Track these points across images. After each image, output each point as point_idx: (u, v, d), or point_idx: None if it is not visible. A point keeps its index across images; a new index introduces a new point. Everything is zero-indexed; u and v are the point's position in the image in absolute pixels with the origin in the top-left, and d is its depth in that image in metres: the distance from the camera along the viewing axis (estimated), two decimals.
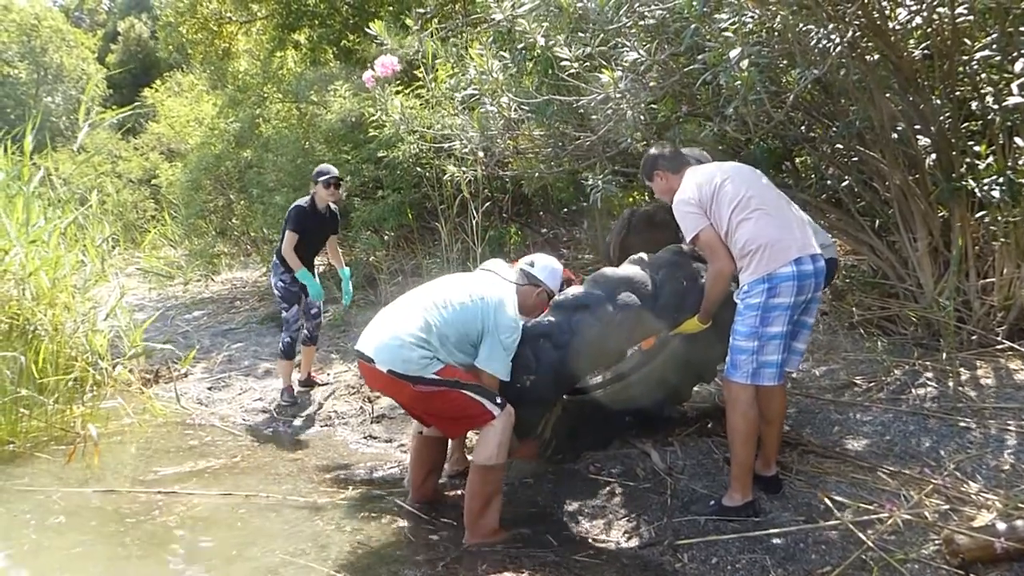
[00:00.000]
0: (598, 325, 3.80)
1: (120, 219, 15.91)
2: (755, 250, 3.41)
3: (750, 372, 3.47)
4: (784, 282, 3.38)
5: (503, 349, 3.64)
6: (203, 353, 8.03)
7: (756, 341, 3.44)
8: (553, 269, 4.01)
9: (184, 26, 13.07)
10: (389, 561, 3.58)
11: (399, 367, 3.54)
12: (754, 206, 3.45)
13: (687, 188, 3.60)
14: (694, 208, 3.53)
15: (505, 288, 3.81)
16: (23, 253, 5.89)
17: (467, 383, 3.60)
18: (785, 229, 3.45)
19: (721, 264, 3.53)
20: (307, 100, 10.08)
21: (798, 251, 3.40)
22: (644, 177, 3.88)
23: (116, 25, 30.74)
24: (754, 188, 3.53)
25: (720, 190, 3.49)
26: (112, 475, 4.91)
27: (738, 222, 3.44)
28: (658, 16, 4.01)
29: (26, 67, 26.62)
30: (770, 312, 3.41)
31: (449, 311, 3.63)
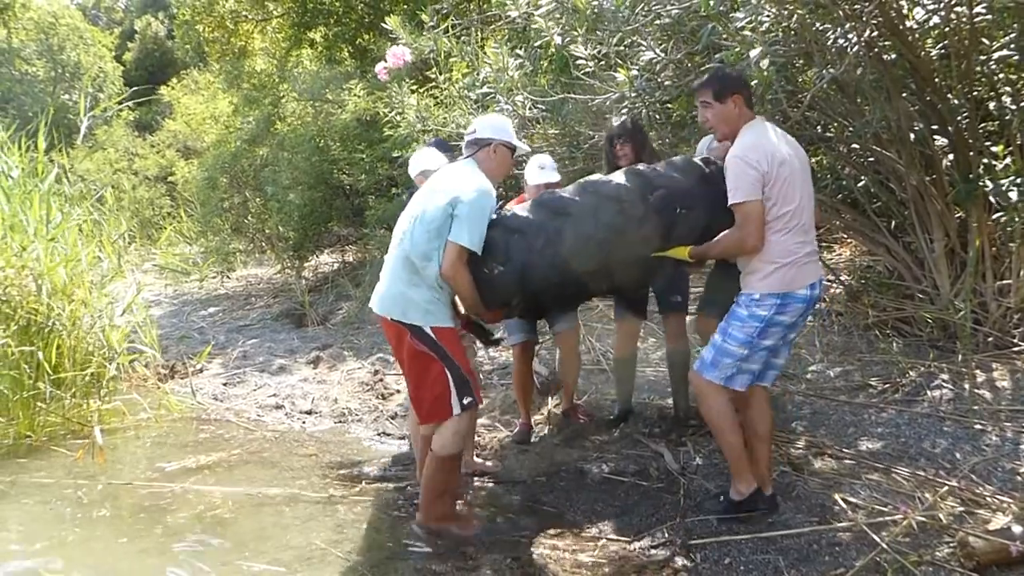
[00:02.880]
0: (575, 240, 3.53)
1: (136, 216, 16.00)
2: (784, 264, 3.28)
3: (727, 376, 3.40)
4: (796, 303, 3.31)
5: (471, 216, 3.46)
6: (218, 349, 8.07)
7: (747, 350, 3.35)
8: (495, 122, 3.81)
9: (201, 24, 13.15)
10: (405, 556, 3.59)
11: (398, 314, 3.59)
12: (802, 220, 3.30)
13: (759, 149, 3.24)
14: (756, 176, 3.21)
15: (457, 169, 3.72)
16: (41, 249, 5.94)
17: (455, 364, 3.59)
18: (813, 250, 3.38)
19: (751, 241, 3.28)
20: (322, 99, 10.12)
21: (815, 276, 3.36)
22: (715, 91, 3.33)
23: (133, 23, 30.92)
24: (806, 195, 3.35)
25: (788, 185, 3.24)
26: (128, 469, 4.95)
27: (780, 228, 3.28)
28: (674, 15, 4.01)
29: (44, 65, 26.79)
30: (772, 327, 3.33)
31: (418, 228, 3.57)
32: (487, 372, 6.18)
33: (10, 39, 26.75)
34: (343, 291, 9.59)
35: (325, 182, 9.86)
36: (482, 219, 3.50)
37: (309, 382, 6.74)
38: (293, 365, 7.31)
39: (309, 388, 6.55)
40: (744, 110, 3.34)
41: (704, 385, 3.47)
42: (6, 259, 5.74)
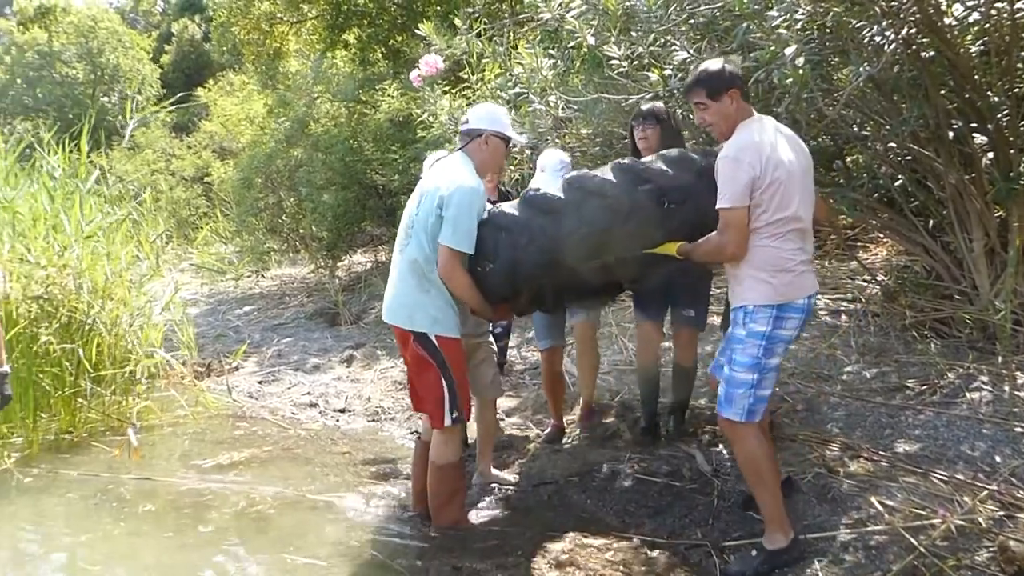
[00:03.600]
0: (558, 237, 3.48)
1: (173, 216, 16.24)
2: (777, 273, 3.09)
3: (746, 408, 3.16)
4: (795, 314, 3.13)
5: (456, 217, 3.46)
6: (253, 347, 8.18)
7: (756, 374, 3.14)
8: (487, 111, 3.77)
9: (237, 27, 13.30)
10: (442, 553, 3.63)
11: (404, 321, 3.63)
12: (798, 227, 3.11)
13: (752, 150, 3.05)
14: (746, 180, 3.02)
15: (447, 163, 3.72)
16: (81, 249, 6.07)
17: (451, 377, 3.61)
18: (809, 259, 3.20)
19: (730, 248, 3.10)
20: (356, 100, 10.20)
21: (812, 287, 3.18)
22: (709, 90, 3.16)
23: (170, 26, 31.37)
24: (804, 201, 3.14)
25: (783, 189, 3.04)
26: (166, 465, 5.05)
27: (772, 234, 3.09)
28: (708, 14, 3.99)
29: (83, 68, 27.29)
30: (774, 343, 3.13)
31: (419, 234, 3.59)
32: (519, 372, 6.19)
33: (51, 43, 27.29)
34: (376, 290, 9.65)
35: (358, 182, 9.94)
36: (468, 218, 3.48)
37: (343, 381, 6.80)
38: (327, 364, 7.39)
39: (343, 387, 6.62)
40: (741, 104, 3.17)
41: (730, 428, 3.26)
42: (48, 258, 5.86)
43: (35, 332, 5.44)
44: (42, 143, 7.32)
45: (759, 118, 3.21)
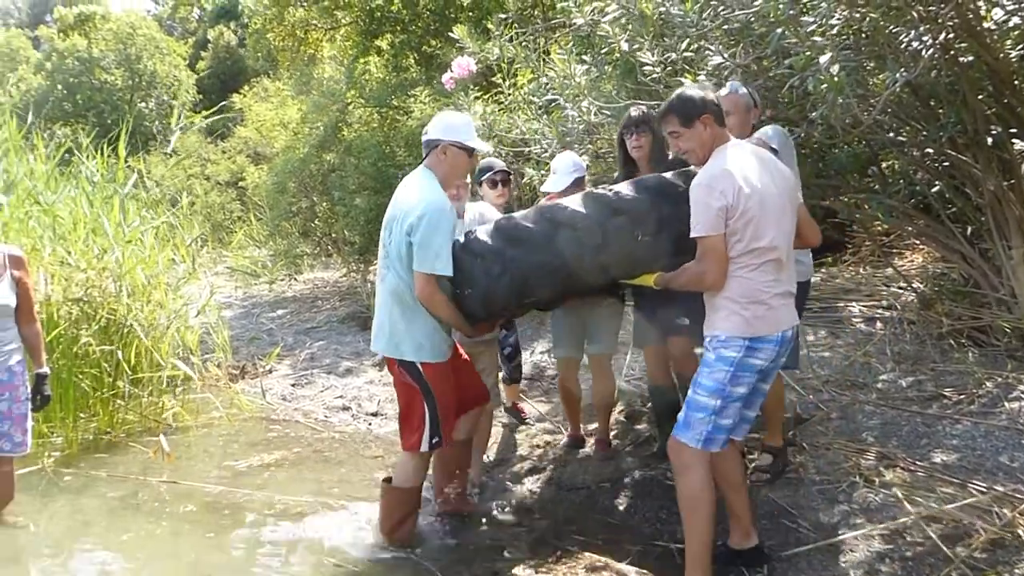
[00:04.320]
0: (527, 268, 3.44)
1: (208, 220, 16.44)
2: (750, 305, 2.99)
3: (703, 436, 3.04)
4: (768, 346, 3.02)
5: (424, 242, 3.41)
6: (286, 350, 8.26)
7: (719, 400, 3.01)
8: (444, 121, 3.66)
9: (272, 33, 13.46)
10: (479, 556, 3.67)
11: (391, 350, 3.63)
12: (774, 258, 2.99)
13: (724, 178, 2.95)
14: (718, 208, 2.92)
15: (410, 181, 3.66)
16: (120, 252, 6.17)
17: (434, 403, 3.60)
18: (788, 292, 3.08)
19: (710, 277, 3.02)
20: (389, 105, 10.27)
21: (788, 322, 3.07)
22: (681, 118, 3.06)
23: (206, 33, 31.79)
24: (782, 230, 3.02)
25: (757, 219, 2.93)
26: (202, 465, 5.12)
27: (746, 264, 2.99)
28: (742, 20, 3.98)
29: (122, 74, 27.72)
30: (743, 371, 3.02)
31: (396, 264, 3.56)
32: (551, 378, 6.19)
33: (90, 49, 27.77)
34: None
35: (390, 187, 9.95)
36: (438, 239, 3.42)
37: (375, 384, 6.85)
38: (359, 367, 7.44)
39: (375, 390, 6.66)
40: (716, 130, 3.06)
41: (684, 454, 3.10)
42: (88, 261, 5.98)
43: (76, 334, 5.55)
44: (81, 148, 7.47)
45: (735, 143, 3.11)
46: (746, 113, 3.65)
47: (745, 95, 3.68)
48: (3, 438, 4.00)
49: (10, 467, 4.14)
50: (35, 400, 4.13)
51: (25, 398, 4.06)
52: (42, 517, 4.30)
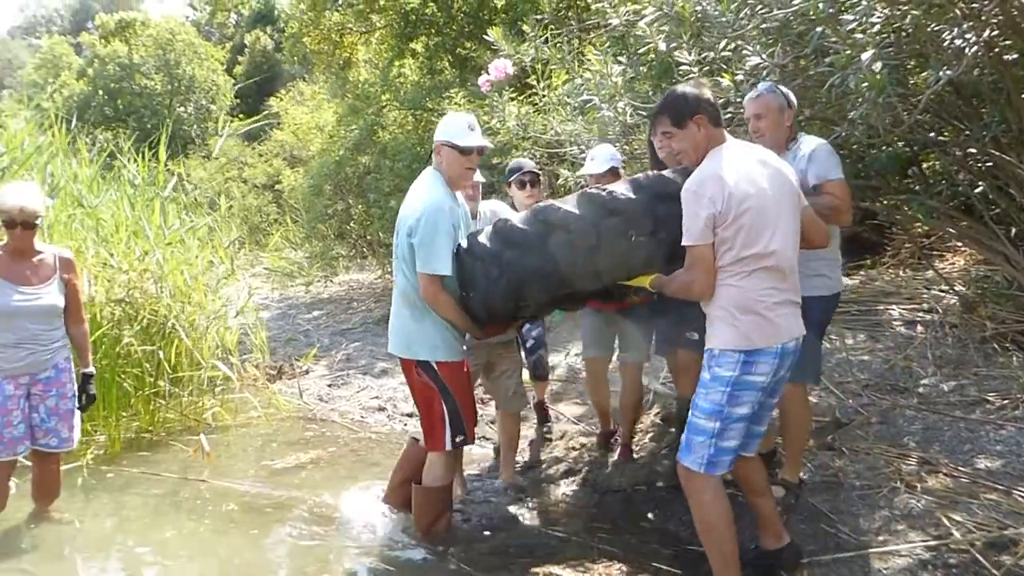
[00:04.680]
0: (523, 272, 3.41)
1: (245, 222, 16.67)
2: (743, 313, 2.88)
3: (705, 459, 2.94)
4: (766, 358, 2.89)
5: (423, 242, 3.45)
6: (323, 351, 8.33)
7: (718, 422, 2.91)
8: (443, 123, 3.73)
9: (308, 37, 13.60)
10: (519, 557, 3.68)
11: (404, 351, 3.68)
12: (772, 264, 2.88)
13: (714, 183, 2.85)
14: (706, 216, 2.85)
15: (416, 183, 3.72)
16: (160, 254, 6.27)
17: (453, 400, 3.63)
18: (789, 300, 2.95)
19: (697, 287, 2.95)
20: (423, 107, 10.33)
21: (789, 333, 2.94)
22: (673, 117, 2.99)
23: (243, 38, 32.21)
24: (781, 235, 2.90)
25: (751, 225, 2.84)
26: (241, 465, 5.18)
27: (739, 272, 2.88)
28: (781, 19, 3.93)
29: (161, 79, 28.22)
30: (742, 390, 2.89)
31: (401, 264, 3.64)
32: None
33: (131, 55, 28.29)
34: None
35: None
36: (436, 239, 3.45)
37: None
38: (394, 368, 7.46)
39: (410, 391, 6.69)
40: (710, 131, 2.96)
41: (685, 478, 3.03)
42: (130, 263, 6.08)
43: (118, 334, 5.65)
44: (122, 152, 7.60)
45: (731, 144, 3.01)
46: (779, 114, 3.56)
47: (776, 96, 3.58)
48: (50, 434, 4.09)
49: (56, 463, 4.24)
50: (81, 399, 4.22)
51: (71, 395, 4.15)
52: (86, 514, 4.38)
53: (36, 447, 4.11)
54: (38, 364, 4.01)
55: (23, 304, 3.91)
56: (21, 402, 3.98)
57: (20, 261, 3.95)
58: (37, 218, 3.90)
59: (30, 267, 3.98)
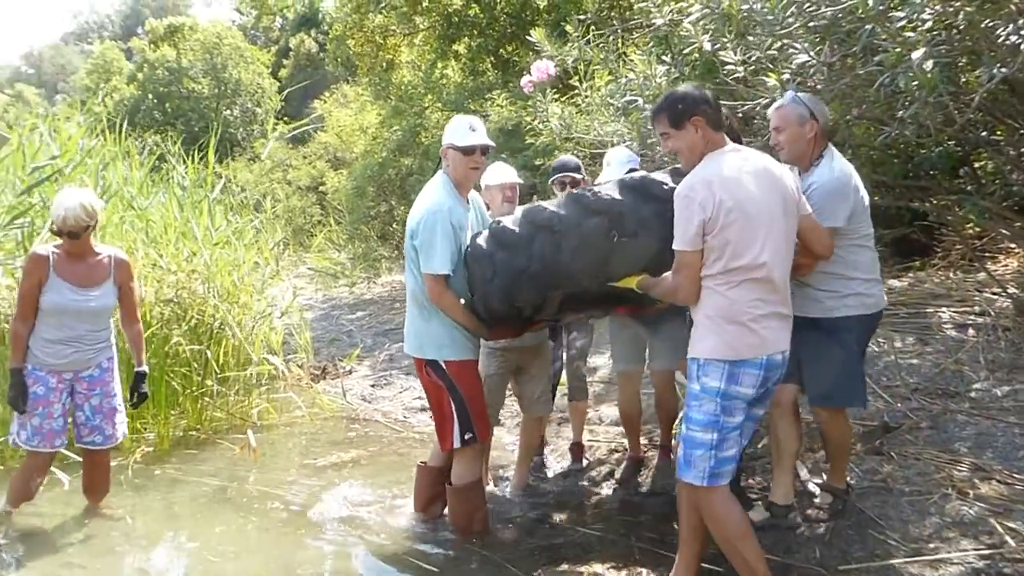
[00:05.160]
0: (512, 273, 3.39)
1: (289, 224, 16.89)
2: (728, 323, 2.84)
3: (707, 471, 2.88)
4: (751, 370, 2.84)
5: (424, 243, 3.54)
6: (366, 352, 8.41)
7: (716, 433, 2.86)
8: (447, 126, 3.81)
9: (352, 40, 13.73)
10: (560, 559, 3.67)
11: (415, 350, 3.76)
12: (762, 275, 2.82)
13: (706, 187, 2.81)
14: (697, 221, 2.80)
15: (426, 185, 3.81)
16: (208, 255, 6.39)
17: (461, 398, 3.67)
18: (777, 313, 2.89)
19: (681, 293, 2.93)
20: (465, 109, 10.36)
21: (776, 346, 2.89)
22: (671, 118, 2.95)
23: (288, 41, 32.63)
24: (773, 245, 2.85)
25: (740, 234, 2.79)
26: (285, 463, 5.25)
27: (726, 282, 2.83)
28: (829, 16, 3.87)
29: (208, 83, 28.73)
30: (732, 400, 2.86)
31: (409, 266, 3.72)
32: None
33: (179, 60, 28.83)
34: None
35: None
36: (437, 240, 3.52)
37: None
38: None
39: None
40: (709, 133, 2.91)
41: (692, 494, 2.97)
42: (178, 263, 6.19)
43: (167, 334, 5.75)
44: (171, 155, 7.75)
45: (731, 148, 2.96)
46: (799, 127, 3.42)
47: (797, 107, 3.45)
48: (95, 432, 4.19)
49: (105, 460, 4.34)
50: (132, 397, 4.34)
51: (115, 393, 4.26)
52: (136, 510, 4.47)
53: (82, 444, 4.23)
54: (81, 362, 4.12)
55: (75, 304, 4.02)
56: (63, 396, 4.11)
57: (77, 261, 4.06)
58: (83, 229, 3.98)
59: (86, 268, 4.08)
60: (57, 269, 4.00)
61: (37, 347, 4.03)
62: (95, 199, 4.10)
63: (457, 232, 3.59)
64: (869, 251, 3.48)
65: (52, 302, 3.98)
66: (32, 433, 4.04)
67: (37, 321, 4.02)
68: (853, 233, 3.37)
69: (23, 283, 4.04)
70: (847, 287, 3.38)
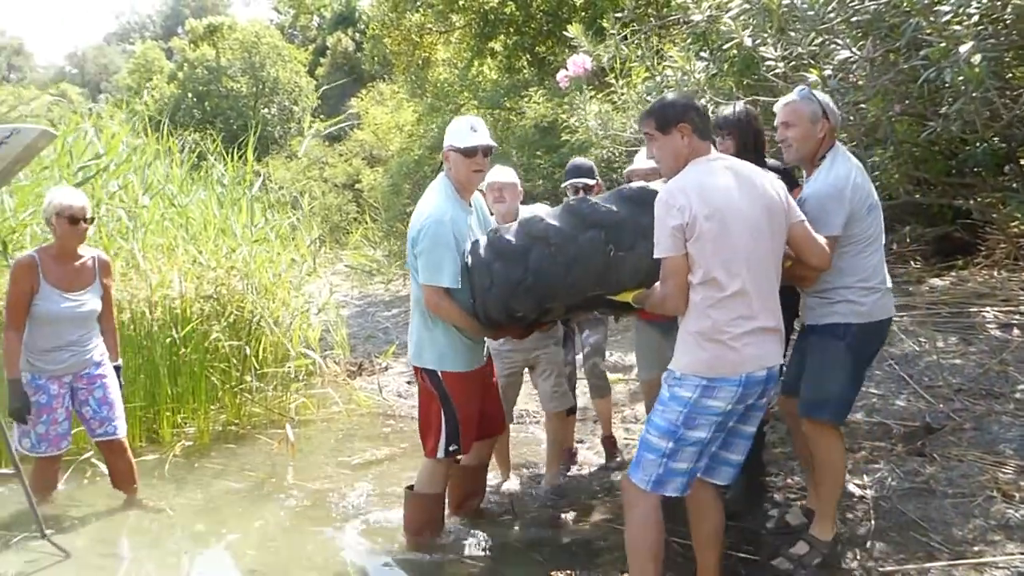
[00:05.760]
0: (507, 285, 3.31)
1: (326, 221, 17.02)
2: (707, 342, 2.75)
3: (653, 477, 2.81)
4: (728, 386, 2.74)
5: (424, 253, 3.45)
6: (401, 348, 8.42)
7: (671, 442, 2.77)
8: (448, 129, 3.68)
9: (388, 38, 13.81)
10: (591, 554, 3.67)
11: (415, 358, 3.69)
12: (739, 290, 2.71)
13: (686, 193, 2.74)
14: (675, 226, 2.72)
15: (428, 189, 3.70)
16: (247, 251, 6.46)
17: (452, 410, 3.60)
18: (759, 329, 2.76)
19: (670, 302, 2.83)
20: (501, 106, 10.39)
21: (757, 363, 2.77)
22: (658, 121, 2.88)
23: (325, 40, 32.90)
24: (757, 259, 2.75)
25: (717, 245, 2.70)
26: (322, 458, 5.30)
27: (703, 297, 2.74)
28: (872, 11, 3.82)
29: (247, 81, 29.05)
30: (699, 413, 2.76)
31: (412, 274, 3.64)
32: None
33: (218, 59, 29.20)
34: None
35: None
36: (436, 251, 3.44)
37: None
38: None
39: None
40: (694, 141, 2.83)
41: (626, 488, 2.92)
42: (217, 260, 6.28)
43: (207, 329, 5.84)
44: (210, 153, 7.87)
45: (715, 158, 2.88)
46: (811, 125, 3.22)
47: (810, 103, 3.25)
48: (105, 423, 4.27)
49: (124, 447, 4.38)
50: None
51: (114, 384, 4.32)
52: (177, 503, 4.53)
53: (97, 439, 4.31)
54: (80, 364, 4.18)
55: (68, 310, 4.08)
56: (65, 400, 4.18)
57: (65, 264, 4.11)
58: (85, 215, 4.06)
59: (73, 271, 4.15)
60: (46, 276, 4.04)
61: (34, 356, 4.07)
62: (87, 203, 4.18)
63: (459, 242, 3.50)
64: (871, 256, 3.23)
65: (45, 310, 4.02)
66: (37, 440, 4.12)
67: (28, 329, 4.05)
68: (852, 238, 3.17)
69: (11, 292, 4.03)
70: (836, 293, 3.20)
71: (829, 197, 3.12)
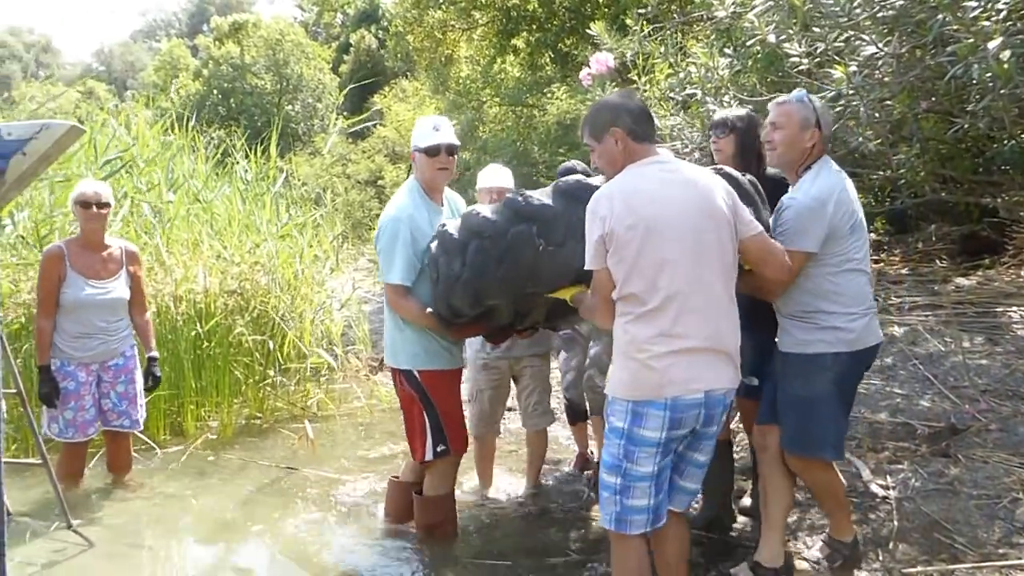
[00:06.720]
0: (447, 279, 3.26)
1: (348, 217, 17.08)
2: (627, 360, 2.59)
3: (613, 516, 2.65)
4: (654, 410, 2.54)
5: (382, 252, 3.52)
6: None
7: (619, 478, 2.61)
8: (413, 130, 3.71)
9: (411, 35, 13.85)
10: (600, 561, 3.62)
11: (390, 359, 3.69)
12: (658, 304, 2.53)
13: (610, 199, 2.59)
14: (597, 236, 2.59)
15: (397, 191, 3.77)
16: (271, 247, 6.51)
17: (434, 410, 3.58)
18: (687, 349, 2.54)
19: (599, 315, 2.72)
20: (524, 103, 10.38)
21: (685, 383, 2.54)
22: (590, 130, 2.76)
23: (348, 37, 33.01)
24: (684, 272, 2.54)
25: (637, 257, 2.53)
26: (342, 452, 5.34)
27: (624, 313, 2.60)
28: (898, 6, 3.78)
29: (271, 78, 29.20)
30: (636, 445, 2.58)
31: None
32: None
33: (243, 56, 29.39)
34: None
35: (525, 185, 10.10)
36: (391, 248, 3.47)
37: None
38: None
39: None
40: (630, 144, 2.66)
41: (610, 532, 2.74)
42: (241, 255, 6.33)
43: (231, 324, 5.89)
44: (235, 150, 7.93)
45: (651, 161, 2.68)
46: (800, 131, 3.02)
47: (804, 108, 3.06)
48: (122, 416, 4.40)
49: (128, 441, 4.58)
50: (147, 381, 4.54)
51: (138, 380, 4.46)
52: (200, 495, 4.58)
53: (109, 428, 4.44)
54: (108, 353, 4.31)
55: (94, 297, 4.19)
56: (92, 388, 4.29)
57: (91, 253, 4.23)
58: (104, 202, 4.19)
59: (100, 260, 4.27)
60: (73, 264, 4.16)
61: (63, 342, 4.20)
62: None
63: (418, 240, 3.48)
64: (856, 278, 3.03)
65: (73, 297, 4.14)
66: (65, 426, 4.24)
67: (59, 317, 4.18)
68: (833, 258, 2.98)
69: (41, 281, 4.19)
70: (823, 319, 2.99)
71: (809, 210, 2.94)
